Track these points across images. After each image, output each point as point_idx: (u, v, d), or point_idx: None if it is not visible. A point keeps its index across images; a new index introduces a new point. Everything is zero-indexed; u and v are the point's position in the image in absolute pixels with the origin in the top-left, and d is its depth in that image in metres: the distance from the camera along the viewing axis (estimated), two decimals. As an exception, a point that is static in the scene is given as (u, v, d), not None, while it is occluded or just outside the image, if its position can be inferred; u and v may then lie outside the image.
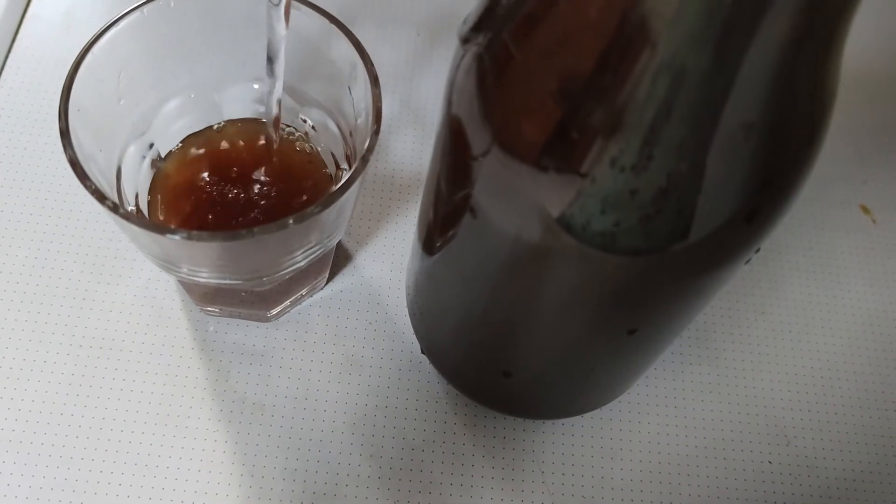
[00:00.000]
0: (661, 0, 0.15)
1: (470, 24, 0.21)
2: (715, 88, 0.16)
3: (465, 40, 0.21)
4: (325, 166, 0.32)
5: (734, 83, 0.16)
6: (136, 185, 0.31)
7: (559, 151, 0.19)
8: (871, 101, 0.44)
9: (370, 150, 0.27)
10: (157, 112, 0.31)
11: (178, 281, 0.34)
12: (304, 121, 0.33)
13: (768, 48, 0.16)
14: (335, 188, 0.26)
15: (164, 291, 0.35)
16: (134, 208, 0.30)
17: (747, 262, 0.22)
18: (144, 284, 0.35)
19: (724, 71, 0.16)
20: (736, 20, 0.15)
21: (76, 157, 0.25)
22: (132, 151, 0.31)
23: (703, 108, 0.17)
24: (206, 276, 0.30)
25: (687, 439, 0.34)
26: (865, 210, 0.40)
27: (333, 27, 0.29)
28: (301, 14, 0.29)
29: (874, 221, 0.40)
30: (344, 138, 0.32)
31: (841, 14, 0.16)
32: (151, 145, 0.31)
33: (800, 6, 0.15)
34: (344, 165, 0.32)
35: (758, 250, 0.22)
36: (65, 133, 0.25)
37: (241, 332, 0.34)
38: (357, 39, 0.28)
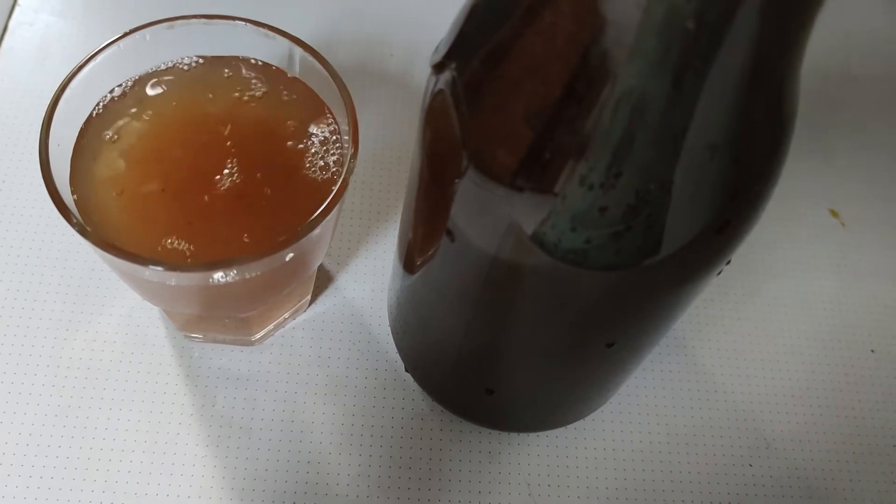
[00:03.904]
0: (621, 30, 0.16)
1: (442, 52, 0.21)
2: (676, 112, 0.17)
3: (438, 68, 0.21)
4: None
5: (695, 107, 0.17)
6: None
7: (531, 172, 0.20)
8: (836, 106, 0.45)
9: (349, 173, 0.27)
10: (136, 143, 0.32)
11: (162, 309, 0.35)
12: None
13: (727, 74, 0.16)
14: (315, 215, 0.27)
15: (148, 319, 0.35)
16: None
17: (719, 273, 0.23)
18: (128, 313, 0.35)
19: (685, 96, 0.17)
20: (692, 50, 0.16)
21: (57, 191, 0.26)
22: (112, 182, 0.31)
23: (666, 130, 0.17)
24: (187, 304, 0.31)
25: (669, 446, 0.34)
26: (835, 214, 0.41)
27: (308, 56, 0.29)
28: (276, 43, 0.30)
29: (843, 225, 0.41)
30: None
31: (794, 43, 0.17)
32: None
33: (752, 37, 0.16)
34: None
35: (728, 262, 0.23)
36: (45, 167, 0.26)
37: (226, 356, 0.34)
38: (333, 68, 0.29)
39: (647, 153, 0.18)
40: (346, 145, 0.28)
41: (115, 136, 0.29)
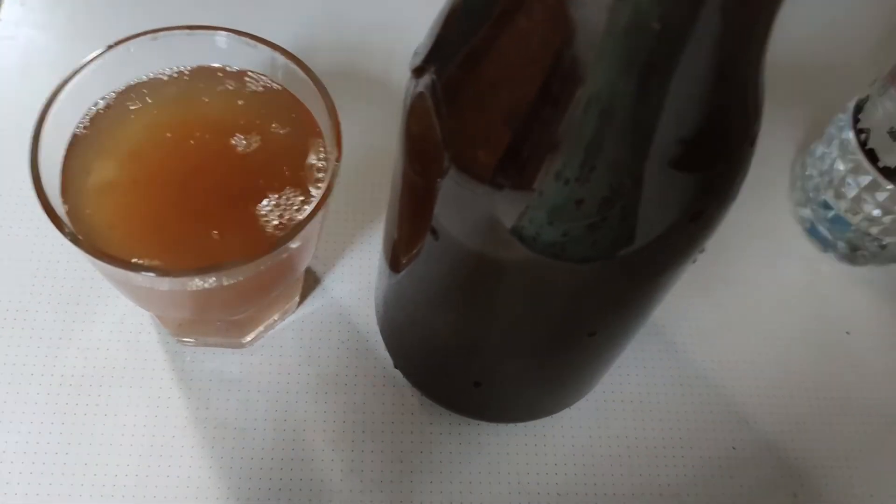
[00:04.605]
0: (589, 33, 0.17)
1: (421, 57, 0.22)
2: (645, 109, 0.18)
3: (417, 72, 0.22)
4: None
5: (663, 104, 0.18)
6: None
7: (509, 169, 0.20)
8: (805, 92, 0.46)
9: (334, 177, 0.28)
10: (123, 152, 0.32)
11: (154, 314, 0.35)
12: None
13: (692, 71, 0.17)
14: (301, 218, 0.27)
15: (140, 325, 0.35)
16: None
17: (693, 261, 0.24)
18: (119, 320, 0.35)
19: (653, 94, 0.18)
20: (658, 50, 0.17)
21: (49, 203, 0.26)
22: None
23: (636, 126, 0.18)
24: (179, 309, 0.31)
25: (654, 431, 0.35)
26: (807, 201, 0.42)
27: (290, 63, 0.30)
28: (257, 52, 0.30)
29: (816, 212, 0.42)
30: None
31: (757, 38, 0.18)
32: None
33: (716, 36, 0.17)
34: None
35: (702, 250, 0.24)
36: (37, 182, 0.26)
37: (218, 359, 0.35)
38: (315, 75, 0.29)
39: (618, 149, 0.19)
40: (330, 149, 0.29)
41: (103, 148, 0.30)
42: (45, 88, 0.29)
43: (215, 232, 0.29)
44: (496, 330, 0.28)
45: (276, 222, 0.29)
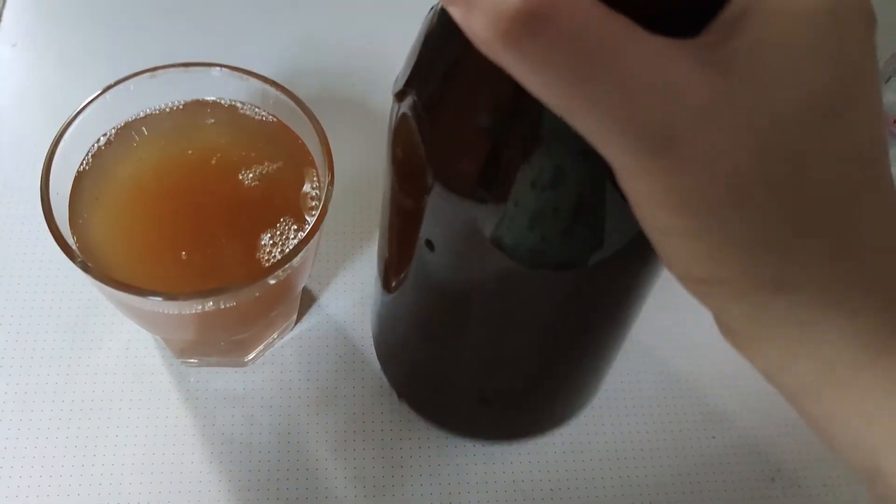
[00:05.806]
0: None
1: (401, 83, 0.24)
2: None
3: (399, 96, 0.24)
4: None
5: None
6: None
7: (488, 180, 0.22)
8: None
9: (328, 200, 0.30)
10: (124, 185, 0.34)
11: (160, 337, 0.37)
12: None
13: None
14: (299, 240, 0.29)
15: (145, 349, 0.37)
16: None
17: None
18: (125, 346, 0.37)
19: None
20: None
21: (62, 236, 0.28)
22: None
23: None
24: (184, 331, 0.33)
25: (648, 434, 0.37)
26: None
27: (280, 94, 0.32)
28: (249, 84, 0.32)
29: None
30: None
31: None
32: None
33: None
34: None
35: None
36: (49, 216, 0.28)
37: (221, 378, 0.37)
38: (304, 104, 0.31)
39: (583, 158, 0.20)
40: (322, 174, 0.31)
41: (106, 182, 0.31)
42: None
43: (216, 259, 0.31)
44: (487, 338, 0.29)
45: (274, 246, 0.30)
